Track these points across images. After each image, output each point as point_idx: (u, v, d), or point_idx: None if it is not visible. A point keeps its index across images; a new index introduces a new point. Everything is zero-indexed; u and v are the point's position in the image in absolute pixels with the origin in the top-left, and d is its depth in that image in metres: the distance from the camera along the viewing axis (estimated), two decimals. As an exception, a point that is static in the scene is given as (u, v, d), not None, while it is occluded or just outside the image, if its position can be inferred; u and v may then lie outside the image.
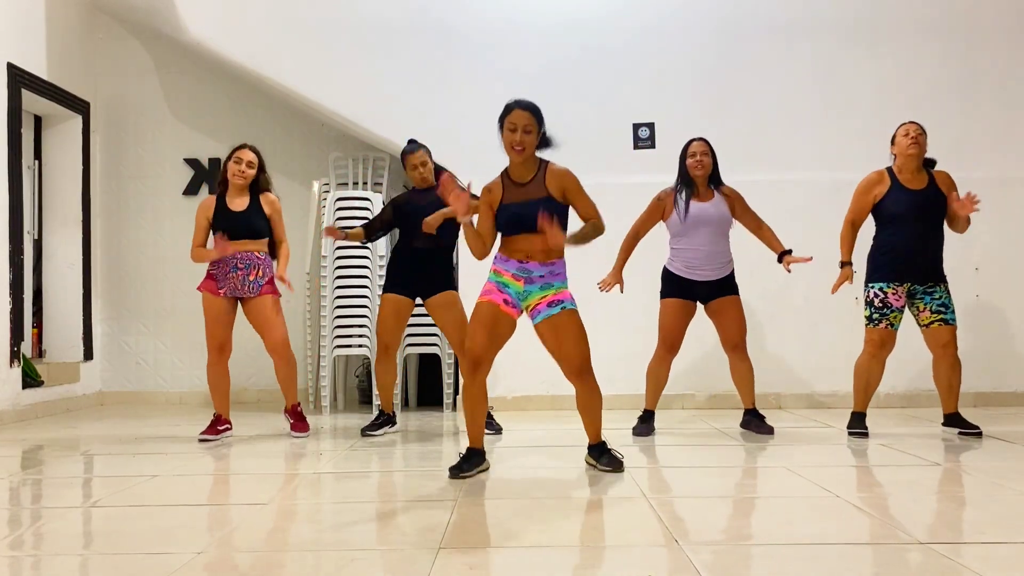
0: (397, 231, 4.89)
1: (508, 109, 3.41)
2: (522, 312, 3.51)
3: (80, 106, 6.25)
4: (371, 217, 5.75)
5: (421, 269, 4.54)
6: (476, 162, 5.97)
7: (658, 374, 4.60)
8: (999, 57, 5.80)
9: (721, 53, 5.87)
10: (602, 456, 3.51)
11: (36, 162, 6.22)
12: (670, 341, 4.52)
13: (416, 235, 4.54)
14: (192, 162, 6.60)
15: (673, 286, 4.52)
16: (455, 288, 4.62)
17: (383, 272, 5.78)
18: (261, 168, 4.67)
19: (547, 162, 3.49)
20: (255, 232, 4.60)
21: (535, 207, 3.35)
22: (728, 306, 4.50)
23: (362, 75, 5.88)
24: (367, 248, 5.72)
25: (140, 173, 6.62)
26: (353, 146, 6.41)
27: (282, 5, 5.89)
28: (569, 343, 3.41)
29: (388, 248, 5.87)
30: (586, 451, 3.61)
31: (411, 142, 4.66)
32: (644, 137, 5.84)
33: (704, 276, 4.47)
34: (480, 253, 3.50)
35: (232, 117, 6.58)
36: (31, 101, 5.81)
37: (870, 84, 5.82)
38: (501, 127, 3.43)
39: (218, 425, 4.59)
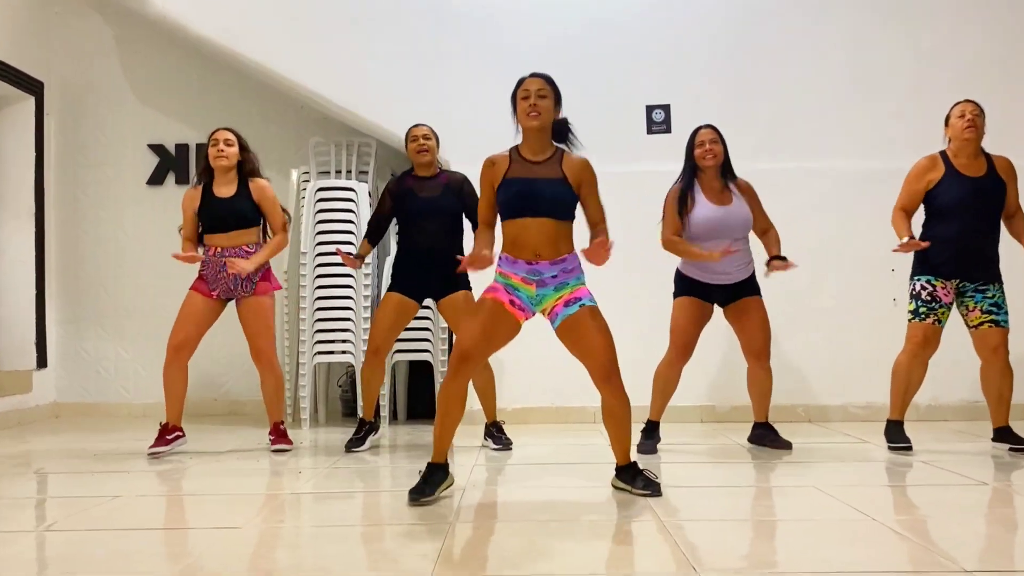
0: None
1: (519, 81, 3.48)
2: (532, 315, 3.48)
3: (33, 86, 6.23)
4: (354, 209, 5.76)
5: (433, 269, 4.53)
6: (468, 145, 5.93)
7: (667, 379, 4.54)
8: (1050, 32, 5.79)
9: (743, 29, 5.86)
10: (636, 479, 3.43)
11: (-16, 148, 6.21)
12: (682, 343, 4.47)
13: (417, 232, 4.57)
14: (157, 148, 6.58)
15: (688, 285, 4.50)
16: (470, 287, 4.62)
17: (368, 271, 5.79)
18: (243, 148, 4.67)
19: (564, 150, 3.51)
20: (243, 220, 4.61)
21: (545, 187, 3.36)
22: (751, 308, 4.47)
23: (346, 52, 5.87)
24: (351, 245, 5.70)
25: (99, 160, 6.60)
26: (336, 131, 6.39)
27: (257, -26, 5.88)
28: (593, 341, 3.37)
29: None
30: (614, 474, 3.53)
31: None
32: (659, 120, 5.83)
33: (723, 280, 4.45)
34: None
35: (201, 99, 6.57)
36: (-22, 81, 5.80)
37: (906, 62, 5.81)
38: (514, 103, 3.48)
39: (167, 434, 4.58)
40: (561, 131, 3.51)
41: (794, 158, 5.73)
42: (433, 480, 3.36)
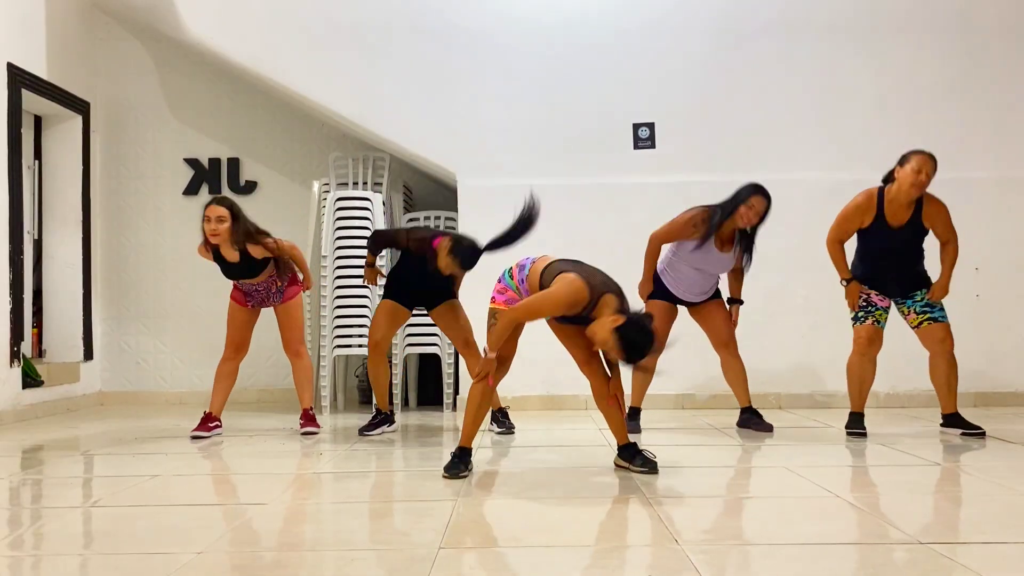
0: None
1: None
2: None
3: (80, 106, 6.26)
4: (370, 217, 5.77)
5: (424, 285, 4.52)
6: (476, 162, 5.99)
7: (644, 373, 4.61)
8: (999, 56, 5.79)
9: (722, 52, 5.87)
10: (635, 457, 3.45)
11: (36, 162, 6.22)
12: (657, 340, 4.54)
13: (418, 263, 4.42)
14: (192, 162, 6.61)
15: (661, 290, 4.56)
16: (456, 296, 4.62)
17: (383, 271, 5.80)
18: (235, 218, 4.49)
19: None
20: (255, 272, 4.61)
21: None
22: (712, 307, 4.59)
23: (362, 75, 5.89)
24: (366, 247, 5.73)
25: (140, 173, 6.63)
26: (353, 146, 6.42)
27: (282, 5, 5.90)
28: (579, 332, 3.41)
29: (388, 249, 5.88)
30: (616, 454, 3.57)
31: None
32: (644, 137, 5.85)
33: (691, 299, 4.58)
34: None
35: (232, 117, 6.59)
36: (31, 101, 5.81)
37: (870, 83, 5.82)
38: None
39: (208, 422, 4.64)
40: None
41: (769, 170, 5.71)
42: (465, 460, 3.44)
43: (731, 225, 4.37)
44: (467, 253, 4.16)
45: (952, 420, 4.37)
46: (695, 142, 5.80)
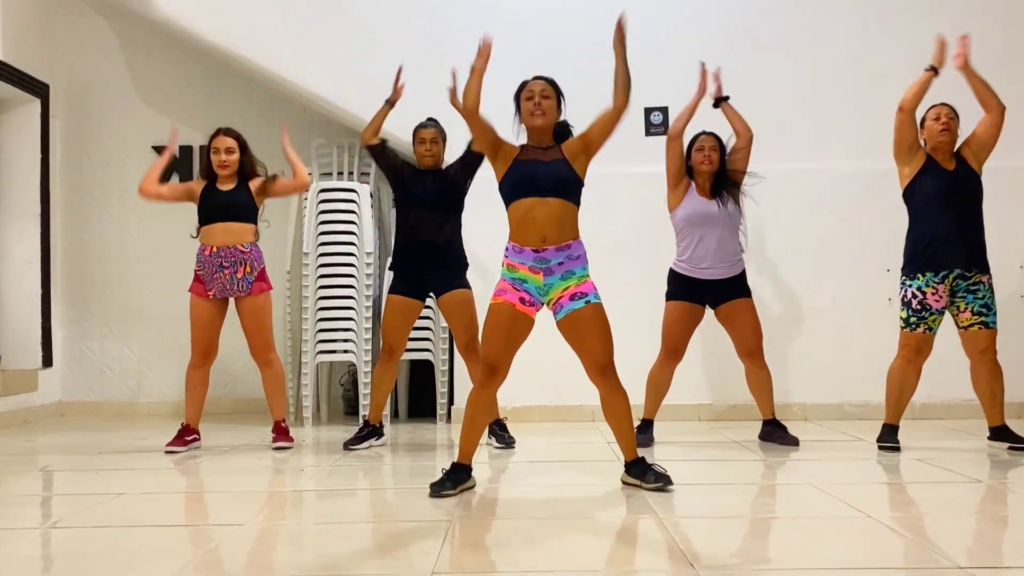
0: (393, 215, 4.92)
1: (522, 84, 3.61)
2: (541, 307, 3.52)
3: (38, 89, 6.25)
4: (356, 210, 5.77)
5: (432, 264, 4.54)
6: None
7: (659, 381, 4.64)
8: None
9: (742, 30, 5.87)
10: (646, 474, 3.45)
11: (-10, 150, 6.23)
12: (672, 345, 4.57)
13: (416, 223, 4.57)
14: (161, 150, 6.57)
15: (679, 287, 4.58)
16: (469, 286, 4.63)
17: (370, 271, 5.81)
18: (243, 150, 4.73)
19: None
20: (239, 211, 4.68)
21: (549, 167, 3.46)
22: (741, 310, 4.55)
23: (348, 56, 5.88)
24: (353, 246, 5.72)
25: (104, 162, 6.62)
26: (338, 132, 6.40)
27: (260, -22, 5.90)
28: (592, 338, 3.42)
29: (376, 245, 5.88)
30: (623, 471, 3.55)
31: (430, 119, 4.84)
32: (657, 123, 5.84)
33: (712, 275, 4.53)
34: (472, 99, 3.53)
35: (205, 101, 6.58)
36: (-16, 83, 5.82)
37: (903, 64, 5.79)
38: (517, 104, 3.58)
39: (185, 435, 4.65)
40: (563, 133, 3.61)
41: (792, 159, 5.74)
42: (456, 478, 3.43)
43: (700, 178, 4.59)
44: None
45: (999, 433, 4.37)
46: (713, 128, 5.78)
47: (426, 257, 4.56)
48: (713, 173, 4.56)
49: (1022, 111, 5.72)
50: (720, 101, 4.68)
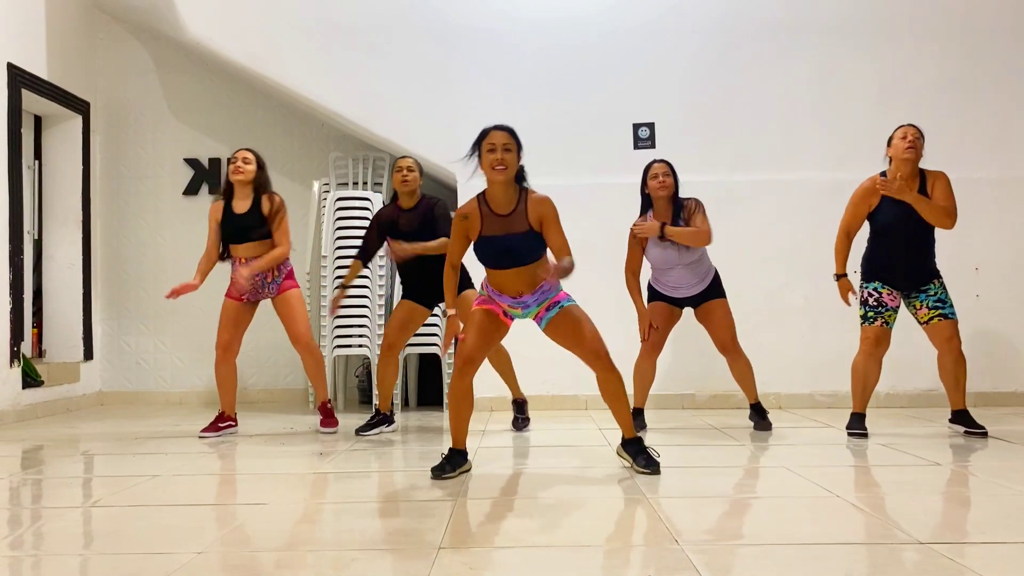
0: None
1: (484, 132, 3.38)
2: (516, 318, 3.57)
3: (80, 106, 6.26)
4: (370, 217, 5.77)
5: (432, 278, 4.50)
6: (476, 162, 5.96)
7: (644, 371, 4.65)
8: (998, 56, 5.79)
9: (722, 51, 5.87)
10: (639, 455, 3.44)
11: (36, 162, 6.22)
12: (652, 341, 4.59)
13: (404, 262, 4.50)
14: (192, 162, 6.61)
15: (658, 295, 4.63)
16: (472, 285, 4.59)
17: (383, 272, 5.81)
18: (260, 166, 4.72)
19: (527, 189, 3.44)
20: (253, 233, 4.65)
21: (518, 243, 3.34)
22: (715, 309, 4.58)
23: (361, 75, 5.89)
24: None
25: (140, 173, 6.62)
26: (353, 146, 6.41)
27: (281, 5, 5.90)
28: (578, 332, 3.42)
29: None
30: (619, 445, 3.56)
31: (407, 156, 4.71)
32: (644, 137, 5.84)
33: (686, 293, 4.58)
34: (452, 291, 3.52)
35: (232, 117, 6.59)
36: (31, 101, 5.81)
37: (871, 83, 5.82)
38: (478, 153, 3.38)
39: (219, 422, 4.68)
40: (520, 176, 3.45)
41: (768, 170, 5.75)
42: (454, 462, 3.44)
43: (659, 204, 4.48)
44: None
45: (960, 417, 4.38)
46: (696, 142, 5.79)
47: (425, 272, 4.49)
48: (670, 197, 4.47)
49: (977, 130, 5.75)
50: (662, 236, 4.46)
